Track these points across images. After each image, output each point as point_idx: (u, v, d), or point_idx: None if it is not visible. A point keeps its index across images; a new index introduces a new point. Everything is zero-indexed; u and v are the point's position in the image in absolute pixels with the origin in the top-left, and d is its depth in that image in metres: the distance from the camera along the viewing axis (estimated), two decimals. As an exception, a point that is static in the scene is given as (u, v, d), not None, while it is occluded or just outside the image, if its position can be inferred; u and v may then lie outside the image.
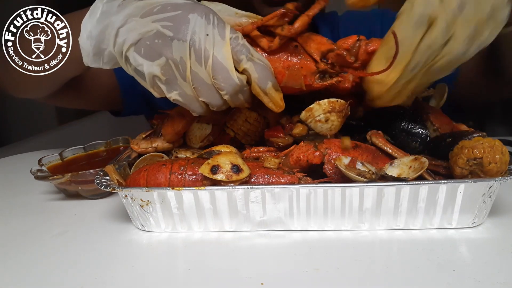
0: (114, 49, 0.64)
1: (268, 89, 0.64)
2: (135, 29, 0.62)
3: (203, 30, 0.60)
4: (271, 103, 0.65)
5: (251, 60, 0.62)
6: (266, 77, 0.63)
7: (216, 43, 0.60)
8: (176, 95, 0.64)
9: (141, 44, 0.62)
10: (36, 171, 0.80)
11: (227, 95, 0.63)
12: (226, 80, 0.61)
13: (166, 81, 0.63)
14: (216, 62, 0.60)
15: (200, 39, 0.60)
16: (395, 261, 0.56)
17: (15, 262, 0.61)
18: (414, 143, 0.65)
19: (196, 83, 0.62)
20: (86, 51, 0.66)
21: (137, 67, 0.63)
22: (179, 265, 0.59)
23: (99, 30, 0.64)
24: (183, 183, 0.63)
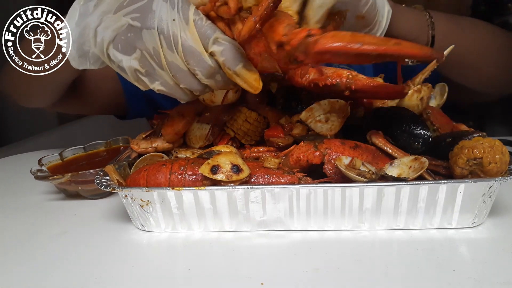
0: (95, 49, 0.64)
1: (238, 69, 0.61)
2: (110, 26, 0.61)
3: (169, 15, 0.59)
4: (245, 85, 0.62)
5: (216, 43, 0.60)
6: (234, 58, 0.61)
7: (182, 27, 0.59)
8: (158, 85, 0.64)
9: (117, 40, 0.61)
10: (36, 171, 0.80)
11: (204, 78, 0.62)
12: (199, 63, 0.60)
13: (146, 73, 0.62)
14: (185, 46, 0.59)
15: (167, 25, 0.59)
16: (395, 261, 0.56)
17: (15, 262, 0.61)
18: (417, 144, 0.65)
19: (173, 71, 0.61)
20: (71, 55, 0.66)
21: (119, 63, 0.63)
22: (179, 265, 0.59)
23: (78, 32, 0.64)
24: (183, 183, 0.63)
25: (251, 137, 0.75)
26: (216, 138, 0.76)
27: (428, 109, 0.74)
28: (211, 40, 0.59)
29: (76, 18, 0.64)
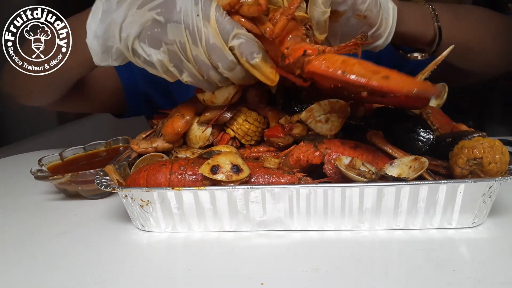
0: (120, 44, 0.66)
1: (255, 62, 0.63)
2: (135, 21, 0.63)
3: (193, 10, 0.61)
4: (263, 77, 0.65)
5: (236, 37, 0.62)
6: (252, 51, 0.63)
7: (205, 23, 0.62)
8: (187, 77, 0.67)
9: (144, 35, 0.64)
10: (36, 171, 0.80)
11: (225, 71, 0.65)
12: (220, 58, 0.63)
13: (175, 66, 0.66)
14: (208, 41, 0.62)
15: (192, 20, 0.61)
16: (395, 261, 0.56)
17: (15, 262, 0.61)
18: (420, 144, 0.65)
19: (198, 64, 0.64)
20: (95, 51, 0.68)
21: (147, 57, 0.65)
22: (179, 265, 0.59)
23: (103, 28, 0.66)
24: (183, 183, 0.63)
25: (251, 137, 0.75)
26: (216, 138, 0.76)
27: (428, 109, 0.74)
28: (231, 35, 0.62)
29: (100, 14, 0.66)
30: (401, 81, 0.52)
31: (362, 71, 0.53)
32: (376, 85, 0.52)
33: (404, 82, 0.52)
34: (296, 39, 0.62)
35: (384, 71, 0.53)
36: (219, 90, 0.72)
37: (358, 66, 0.54)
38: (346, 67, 0.54)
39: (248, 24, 0.63)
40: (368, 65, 0.55)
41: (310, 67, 0.57)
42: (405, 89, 0.52)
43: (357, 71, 0.53)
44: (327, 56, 0.57)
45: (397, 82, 0.52)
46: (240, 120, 0.73)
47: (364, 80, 0.52)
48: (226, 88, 0.72)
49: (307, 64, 0.58)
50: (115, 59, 0.69)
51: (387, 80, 0.52)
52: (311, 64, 0.57)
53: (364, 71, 0.53)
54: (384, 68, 0.54)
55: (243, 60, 0.64)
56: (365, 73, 0.53)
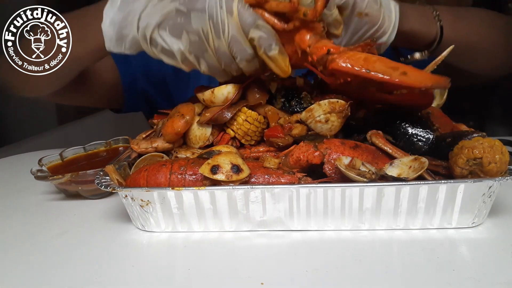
0: (137, 33, 0.67)
1: (273, 55, 0.66)
2: (157, 12, 0.65)
3: (217, 2, 0.63)
4: (277, 69, 0.68)
5: (256, 29, 0.64)
6: (270, 43, 0.65)
7: (228, 15, 0.63)
8: (205, 67, 0.69)
9: (165, 24, 0.65)
10: (36, 171, 0.80)
11: (242, 63, 0.68)
12: (241, 51, 0.66)
13: (195, 55, 0.68)
14: (230, 34, 0.64)
15: (216, 11, 0.63)
16: (395, 261, 0.56)
17: (15, 262, 0.61)
18: (420, 144, 0.65)
19: (219, 54, 0.67)
20: (109, 37, 0.69)
21: (166, 46, 0.67)
22: (179, 265, 0.59)
23: (121, 16, 0.68)
24: (183, 183, 0.63)
25: (251, 137, 0.75)
26: (216, 138, 0.76)
27: (428, 109, 0.74)
28: (252, 27, 0.64)
29: (118, 3, 0.68)
30: (418, 76, 0.57)
31: (383, 68, 0.58)
32: (397, 81, 0.57)
33: (421, 77, 0.57)
34: (316, 38, 0.65)
35: (402, 67, 0.58)
36: (218, 88, 0.73)
37: (379, 64, 0.59)
38: (369, 64, 0.59)
39: (271, 19, 0.65)
40: (387, 62, 0.60)
41: (335, 65, 0.61)
42: (423, 83, 0.57)
43: (379, 68, 0.58)
44: (350, 54, 0.61)
45: (415, 77, 0.57)
46: (240, 120, 0.73)
47: (387, 77, 0.57)
48: (225, 87, 0.72)
49: (331, 62, 0.61)
50: (128, 48, 0.71)
51: (406, 76, 0.57)
52: (335, 62, 0.61)
53: (385, 68, 0.58)
54: (401, 64, 0.58)
55: (261, 52, 0.66)
56: (386, 70, 0.58)
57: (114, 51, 0.71)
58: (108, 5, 0.69)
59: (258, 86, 0.75)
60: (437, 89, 0.58)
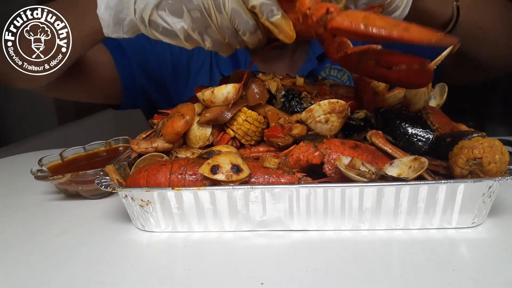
0: (135, 16, 0.66)
1: (275, 20, 0.65)
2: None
3: None
4: (281, 34, 0.67)
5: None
6: (271, 9, 0.64)
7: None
8: (209, 43, 0.69)
9: (164, 4, 0.64)
10: (36, 171, 0.80)
11: (245, 35, 0.68)
12: (243, 23, 0.66)
13: (198, 32, 0.67)
14: (231, 6, 0.64)
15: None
16: (395, 261, 0.56)
17: (15, 262, 0.61)
18: (420, 143, 0.65)
19: (222, 29, 0.67)
20: (106, 22, 0.68)
21: (167, 26, 0.66)
22: (179, 265, 0.59)
23: (116, 0, 0.66)
24: (183, 183, 0.63)
25: (251, 137, 0.75)
26: (216, 138, 0.76)
27: (428, 109, 0.74)
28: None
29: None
30: (421, 32, 0.55)
31: (383, 24, 0.57)
32: (397, 36, 0.55)
33: (423, 33, 0.55)
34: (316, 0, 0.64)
35: (403, 24, 0.56)
36: (218, 88, 0.72)
37: (379, 20, 0.57)
38: (368, 21, 0.57)
39: None
40: (388, 19, 0.58)
41: (334, 23, 0.60)
42: (425, 38, 0.55)
43: (379, 24, 0.57)
44: (349, 12, 0.60)
45: (417, 33, 0.55)
46: (240, 120, 0.73)
47: (386, 32, 0.56)
48: (225, 87, 0.72)
49: (331, 21, 0.60)
50: (126, 32, 0.70)
51: (407, 31, 0.55)
52: (334, 20, 0.60)
53: (385, 24, 0.57)
54: (403, 22, 0.57)
55: (263, 19, 0.65)
56: (386, 25, 0.56)
57: (112, 36, 0.70)
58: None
59: (258, 86, 0.75)
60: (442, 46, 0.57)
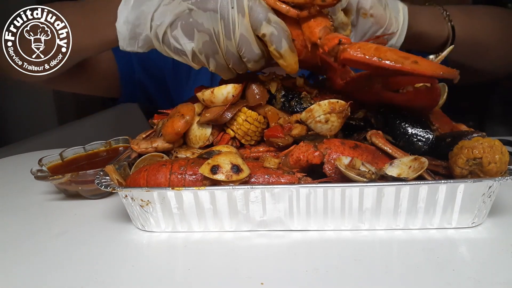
0: (150, 32, 0.69)
1: (284, 51, 0.67)
2: (169, 11, 0.66)
3: (229, 2, 0.64)
4: (286, 65, 0.70)
5: (268, 25, 0.65)
6: (281, 40, 0.66)
7: (239, 15, 0.64)
8: (213, 66, 0.71)
9: (177, 24, 0.67)
10: (36, 171, 0.80)
11: (249, 63, 0.70)
12: (249, 52, 0.68)
13: (205, 55, 0.69)
14: (241, 34, 0.66)
15: (228, 11, 0.64)
16: (395, 261, 0.56)
17: (15, 262, 0.61)
18: (420, 143, 0.65)
19: (228, 55, 0.69)
20: (123, 35, 0.71)
21: (178, 46, 0.68)
22: (179, 265, 0.59)
23: (135, 16, 0.69)
24: (183, 183, 0.63)
25: (251, 137, 0.75)
26: (216, 138, 0.76)
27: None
28: (263, 23, 0.65)
29: (132, 2, 0.69)
30: (429, 65, 0.58)
31: (395, 57, 0.59)
32: (408, 69, 0.58)
33: (432, 66, 0.58)
34: (326, 30, 0.66)
35: (412, 57, 0.59)
36: (218, 89, 0.72)
37: (390, 53, 0.60)
38: (380, 53, 0.60)
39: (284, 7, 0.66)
40: (397, 52, 0.61)
41: (346, 55, 0.62)
42: (434, 72, 0.58)
43: (390, 57, 0.59)
44: (361, 44, 0.62)
45: (426, 66, 0.58)
46: (240, 120, 0.73)
47: (398, 65, 0.58)
48: (225, 87, 0.72)
49: (343, 52, 0.62)
50: (141, 46, 0.72)
51: (417, 64, 0.58)
52: (347, 52, 0.62)
53: (397, 57, 0.59)
54: (411, 54, 0.60)
55: (272, 48, 0.67)
56: (397, 58, 0.59)
57: (127, 49, 0.73)
58: (122, 4, 0.70)
59: (258, 86, 0.75)
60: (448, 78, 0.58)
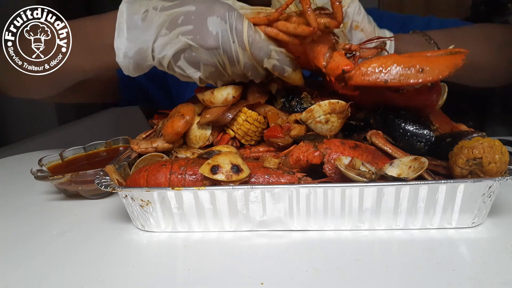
0: (153, 62, 0.70)
1: (287, 75, 0.71)
2: (169, 44, 0.67)
3: (229, 37, 0.65)
4: (291, 82, 0.73)
5: (269, 60, 0.68)
6: (284, 68, 0.69)
7: (240, 50, 0.67)
8: (220, 85, 0.74)
9: (180, 56, 0.68)
10: (36, 171, 0.80)
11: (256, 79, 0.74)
12: (255, 75, 0.72)
13: (212, 80, 0.73)
14: (245, 63, 0.68)
15: (230, 47, 0.66)
16: (395, 261, 0.56)
17: (15, 262, 0.61)
18: (420, 144, 0.65)
19: (234, 76, 0.73)
20: (126, 68, 0.72)
21: (184, 74, 0.70)
22: (179, 265, 0.59)
23: (134, 51, 0.69)
24: (183, 183, 0.63)
25: (251, 137, 0.75)
26: (216, 138, 0.76)
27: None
28: (265, 59, 0.68)
29: (125, 33, 0.69)
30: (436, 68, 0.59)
31: (400, 72, 0.60)
32: (415, 83, 0.59)
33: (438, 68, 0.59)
34: (330, 54, 0.66)
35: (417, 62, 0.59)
36: (218, 90, 0.73)
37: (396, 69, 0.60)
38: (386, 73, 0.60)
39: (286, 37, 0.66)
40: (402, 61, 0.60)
41: (353, 83, 0.63)
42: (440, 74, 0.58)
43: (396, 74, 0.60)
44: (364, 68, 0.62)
45: (432, 71, 0.58)
46: (240, 120, 0.74)
47: (404, 81, 0.59)
48: (225, 88, 0.72)
49: (350, 80, 0.63)
50: (146, 70, 0.74)
51: (423, 73, 0.58)
52: (353, 80, 0.63)
53: (402, 71, 0.59)
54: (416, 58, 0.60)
55: (276, 74, 0.71)
56: (403, 73, 0.59)
57: (133, 76, 0.74)
58: (116, 39, 0.69)
59: (258, 86, 0.75)
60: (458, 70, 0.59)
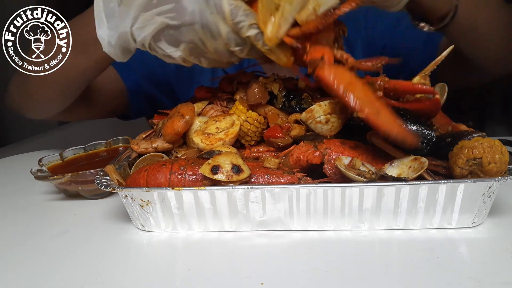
0: (136, 44, 0.69)
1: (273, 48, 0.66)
2: (146, 26, 0.66)
3: (207, 9, 0.63)
4: (278, 60, 0.68)
5: (251, 28, 0.64)
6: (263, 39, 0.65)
7: (219, 19, 0.63)
8: (205, 64, 0.72)
9: (159, 37, 0.67)
10: (36, 171, 0.80)
11: (243, 54, 0.70)
12: (238, 45, 0.67)
13: (195, 57, 0.70)
14: (226, 35, 0.65)
15: (207, 18, 0.63)
16: (395, 261, 0.56)
17: (15, 262, 0.61)
18: (421, 144, 0.65)
19: (217, 53, 0.69)
20: (114, 55, 0.72)
21: (165, 54, 0.69)
22: (179, 265, 0.59)
23: (115, 37, 0.69)
24: (183, 183, 0.63)
25: (251, 138, 0.75)
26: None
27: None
28: (245, 27, 0.64)
29: (105, 21, 0.69)
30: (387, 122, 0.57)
31: (362, 97, 0.58)
32: (365, 116, 0.57)
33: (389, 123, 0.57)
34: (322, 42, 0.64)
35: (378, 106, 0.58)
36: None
37: (360, 92, 0.58)
38: (349, 87, 0.58)
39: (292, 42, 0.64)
40: (369, 94, 0.59)
41: (320, 72, 0.61)
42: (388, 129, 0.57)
43: (357, 95, 0.58)
44: (339, 70, 0.61)
45: (384, 121, 0.57)
46: (240, 121, 0.73)
47: (358, 106, 0.57)
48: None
49: (319, 69, 0.61)
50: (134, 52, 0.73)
51: (376, 115, 0.57)
52: (322, 70, 0.60)
53: (363, 98, 0.58)
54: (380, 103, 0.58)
55: (259, 46, 0.66)
56: (362, 101, 0.57)
57: (125, 60, 0.74)
58: (98, 29, 0.70)
59: (259, 86, 0.75)
60: (399, 140, 0.58)
